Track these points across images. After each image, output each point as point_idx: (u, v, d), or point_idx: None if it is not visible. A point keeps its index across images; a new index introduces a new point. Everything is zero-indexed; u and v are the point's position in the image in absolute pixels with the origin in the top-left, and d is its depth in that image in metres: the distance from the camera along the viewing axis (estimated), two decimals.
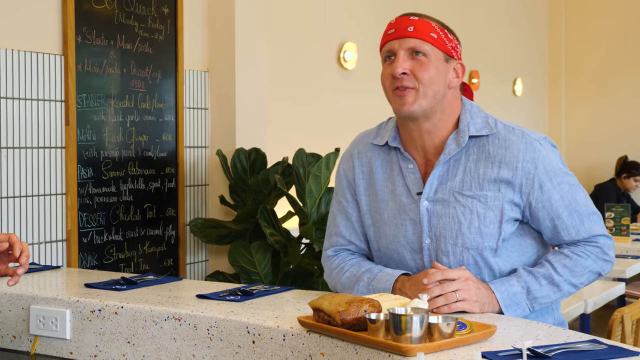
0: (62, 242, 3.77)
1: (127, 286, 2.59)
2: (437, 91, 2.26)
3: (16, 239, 2.19)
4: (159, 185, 4.31)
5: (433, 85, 2.25)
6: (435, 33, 2.26)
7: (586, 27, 9.55)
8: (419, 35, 2.25)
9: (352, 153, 2.47)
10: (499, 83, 8.49)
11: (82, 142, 3.84)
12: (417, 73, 2.24)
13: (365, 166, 2.43)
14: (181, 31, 4.40)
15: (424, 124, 2.29)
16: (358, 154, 2.45)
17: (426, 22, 2.27)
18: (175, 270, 4.40)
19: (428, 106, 2.26)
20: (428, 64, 2.25)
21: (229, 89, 4.56)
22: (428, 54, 2.25)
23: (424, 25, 2.26)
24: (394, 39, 2.28)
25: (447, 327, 1.80)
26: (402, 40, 2.26)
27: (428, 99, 2.25)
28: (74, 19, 3.78)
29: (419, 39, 2.25)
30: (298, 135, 5.30)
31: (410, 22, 2.27)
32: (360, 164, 2.43)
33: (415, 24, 2.26)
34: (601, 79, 9.48)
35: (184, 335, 2.24)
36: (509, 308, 2.21)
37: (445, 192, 2.27)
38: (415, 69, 2.24)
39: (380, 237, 2.39)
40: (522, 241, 2.31)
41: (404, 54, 2.26)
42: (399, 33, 2.27)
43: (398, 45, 2.26)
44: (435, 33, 2.26)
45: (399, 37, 2.27)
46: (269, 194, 4.32)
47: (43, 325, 2.44)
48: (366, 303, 1.91)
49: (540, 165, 2.25)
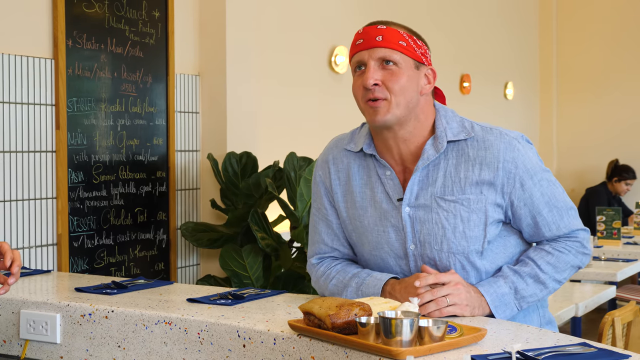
0: (52, 246, 3.76)
1: (117, 290, 2.58)
2: (410, 99, 2.25)
3: (7, 248, 2.15)
4: (150, 189, 4.31)
5: (405, 94, 2.23)
6: (404, 41, 2.24)
7: (577, 30, 9.58)
8: (388, 44, 2.23)
9: (328, 159, 2.44)
10: (490, 87, 8.50)
11: (73, 146, 3.83)
12: (389, 83, 2.22)
13: (341, 172, 2.40)
14: (172, 35, 4.40)
15: (399, 132, 2.28)
16: (334, 160, 2.42)
17: (394, 30, 2.25)
18: (166, 274, 4.40)
19: (402, 115, 2.24)
20: (399, 73, 2.23)
21: (219, 92, 4.56)
22: (398, 63, 2.23)
23: (393, 34, 2.24)
24: (363, 50, 2.25)
25: (438, 331, 1.80)
26: (372, 51, 2.24)
27: (401, 108, 2.23)
28: (65, 23, 3.78)
29: (389, 48, 2.23)
30: (289, 139, 5.30)
31: (378, 31, 2.25)
32: (337, 170, 2.41)
33: (384, 33, 2.24)
34: (592, 82, 9.50)
35: (174, 339, 2.24)
36: (499, 309, 2.22)
37: (427, 198, 2.26)
38: (386, 79, 2.23)
39: (363, 243, 2.38)
40: (506, 241, 2.32)
41: (374, 64, 2.24)
42: (368, 43, 2.24)
43: (368, 56, 2.24)
44: (404, 41, 2.24)
45: (368, 47, 2.24)
46: (260, 197, 4.32)
47: (33, 330, 2.44)
48: (356, 306, 1.91)
49: (521, 164, 2.25)
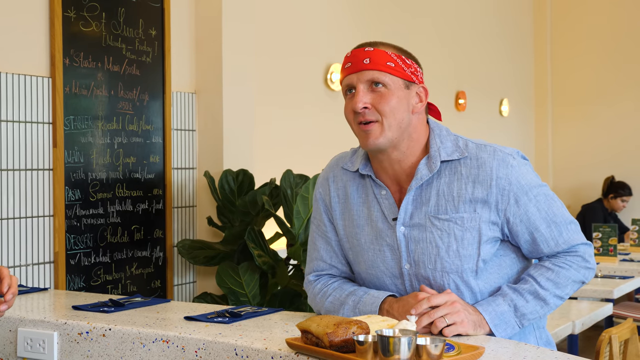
0: (49, 264, 3.76)
1: (114, 308, 2.58)
2: (402, 120, 2.24)
3: (6, 274, 2.12)
4: (147, 206, 4.31)
5: (396, 115, 2.23)
6: (391, 62, 2.23)
7: (571, 46, 9.61)
8: (376, 66, 2.22)
9: (328, 177, 2.46)
10: (485, 103, 8.52)
11: (70, 164, 3.83)
12: (378, 106, 2.22)
13: (340, 190, 2.41)
14: (168, 53, 4.41)
15: (393, 154, 2.28)
16: (334, 178, 2.44)
17: (381, 52, 2.24)
18: (163, 291, 4.39)
19: (394, 137, 2.24)
20: (388, 94, 2.22)
21: (216, 110, 4.57)
22: (387, 84, 2.23)
23: (380, 55, 2.23)
24: (351, 73, 2.26)
25: (435, 349, 1.80)
26: (360, 74, 2.24)
27: (393, 130, 2.23)
28: (62, 41, 3.79)
29: (377, 70, 2.22)
30: (285, 157, 5.30)
31: (365, 54, 2.24)
32: (336, 188, 2.42)
33: (371, 55, 2.24)
34: (587, 98, 9.53)
35: (172, 358, 2.23)
36: (499, 327, 2.20)
37: (421, 217, 2.26)
38: (375, 101, 2.22)
39: (359, 262, 2.38)
40: (502, 262, 2.30)
41: (363, 87, 2.24)
42: (356, 66, 2.25)
43: (356, 79, 2.24)
44: (392, 61, 2.24)
45: (356, 70, 2.25)
46: (256, 215, 4.32)
47: (30, 348, 2.43)
48: (354, 324, 1.91)
49: (515, 180, 2.23)
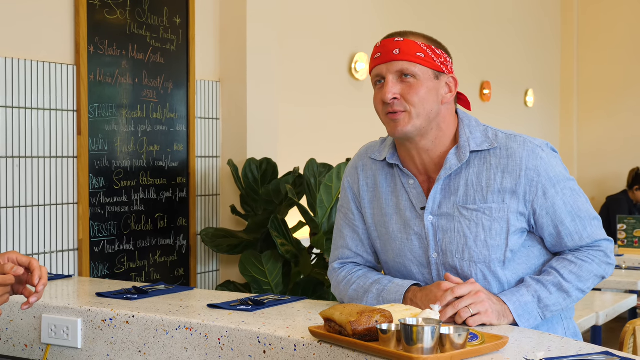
0: (73, 252, 3.78)
1: (138, 295, 2.59)
2: (430, 110, 2.24)
3: (37, 265, 2.10)
4: (170, 194, 4.32)
5: (425, 106, 2.22)
6: (421, 52, 2.22)
7: (598, 37, 9.54)
8: (405, 57, 2.21)
9: (357, 165, 2.45)
10: (510, 94, 8.48)
11: (94, 152, 3.85)
12: (407, 96, 2.22)
13: (369, 179, 2.41)
14: (193, 41, 4.41)
15: (421, 143, 2.28)
16: (363, 167, 2.44)
17: (412, 42, 2.23)
18: (186, 279, 4.41)
19: (422, 126, 2.24)
20: (417, 85, 2.22)
21: (240, 99, 4.57)
22: (417, 75, 2.22)
23: (410, 46, 2.22)
24: (381, 63, 2.25)
25: (459, 338, 1.79)
26: (389, 64, 2.23)
27: (421, 119, 2.23)
28: (87, 29, 3.80)
29: (406, 61, 2.21)
30: (309, 146, 5.30)
31: (395, 44, 2.23)
32: (365, 177, 2.42)
33: (401, 45, 2.22)
34: (613, 90, 9.46)
35: (195, 345, 2.24)
36: (522, 318, 2.20)
37: (450, 207, 2.26)
38: (404, 92, 2.22)
39: (387, 250, 2.38)
40: (530, 252, 2.30)
41: (393, 78, 2.23)
42: (386, 57, 2.24)
43: (386, 70, 2.24)
44: (422, 52, 2.22)
45: (386, 61, 2.24)
46: (280, 204, 4.32)
47: (55, 334, 2.45)
48: (377, 313, 1.91)
49: (543, 172, 2.23)
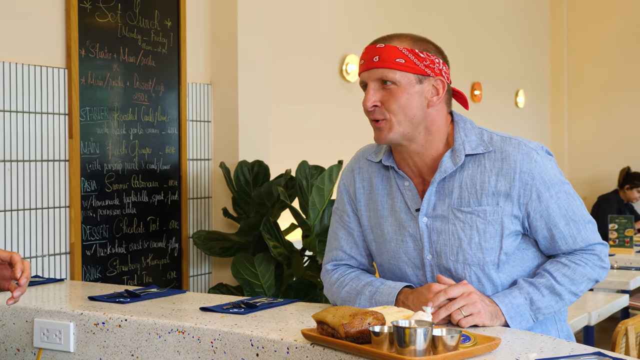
0: (65, 255, 3.77)
1: (130, 299, 2.59)
2: (413, 116, 2.23)
3: (18, 259, 2.13)
4: (162, 197, 4.32)
5: (407, 112, 2.22)
6: (402, 57, 2.21)
7: (588, 37, 9.56)
8: (384, 64, 2.21)
9: (353, 168, 2.46)
10: (501, 94, 8.49)
11: (86, 155, 3.84)
12: (387, 104, 2.22)
13: (365, 181, 2.42)
14: (184, 44, 4.41)
15: (410, 147, 2.28)
16: (359, 169, 2.44)
17: (392, 48, 2.21)
18: (179, 282, 4.40)
19: (406, 132, 2.24)
20: (397, 92, 2.21)
21: (231, 101, 4.57)
22: (397, 82, 2.21)
23: (390, 52, 2.21)
24: (363, 71, 2.26)
25: (451, 340, 1.79)
26: (370, 72, 2.24)
27: (404, 125, 2.23)
28: (78, 33, 3.79)
29: (385, 68, 2.21)
30: (301, 148, 5.30)
31: (376, 51, 2.23)
32: (361, 179, 2.43)
33: (381, 52, 2.22)
34: (604, 90, 9.48)
35: (187, 348, 2.24)
36: (514, 320, 2.20)
37: (444, 209, 2.27)
38: (385, 99, 2.22)
39: (382, 252, 2.39)
40: (524, 255, 2.31)
41: (374, 85, 2.23)
42: (367, 64, 2.24)
43: (367, 77, 2.24)
44: (403, 57, 2.21)
45: (367, 68, 2.24)
46: (272, 206, 4.32)
47: (47, 338, 2.44)
48: (370, 315, 1.91)
49: (538, 175, 2.23)
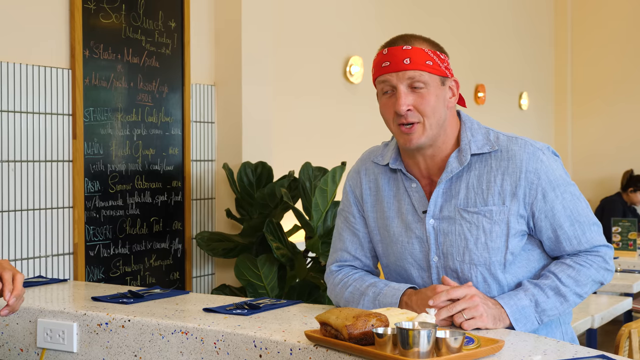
0: (69, 255, 3.77)
1: (134, 299, 2.59)
2: (440, 117, 2.24)
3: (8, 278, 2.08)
4: (166, 198, 4.32)
5: (436, 114, 2.23)
6: (430, 60, 2.21)
7: (591, 39, 9.55)
8: (416, 66, 2.19)
9: (360, 170, 2.46)
10: (505, 97, 8.49)
11: (89, 156, 3.85)
12: (420, 107, 2.21)
13: (372, 183, 2.42)
14: (188, 45, 4.41)
15: (428, 150, 2.29)
16: (365, 171, 2.44)
17: (420, 50, 2.21)
18: (182, 283, 4.40)
19: (434, 134, 2.25)
20: (428, 94, 2.21)
21: (235, 102, 4.57)
22: (427, 84, 2.21)
23: (419, 54, 2.20)
24: (390, 72, 2.22)
25: (455, 342, 1.79)
26: (400, 74, 2.20)
27: (434, 128, 2.24)
28: (82, 33, 3.80)
29: (418, 70, 2.20)
30: (304, 149, 5.30)
31: (404, 53, 2.20)
32: (368, 181, 2.42)
33: (411, 54, 2.20)
34: (607, 93, 9.48)
35: (190, 349, 2.24)
36: (519, 322, 2.19)
37: (451, 210, 2.27)
38: (417, 102, 2.21)
39: (389, 254, 2.38)
40: (530, 255, 2.30)
41: (404, 88, 2.21)
42: (396, 66, 2.21)
43: (396, 80, 2.21)
44: (430, 59, 2.21)
45: (396, 70, 2.21)
46: (275, 207, 4.32)
47: (50, 339, 2.44)
48: (373, 317, 1.91)
49: (544, 175, 2.23)
